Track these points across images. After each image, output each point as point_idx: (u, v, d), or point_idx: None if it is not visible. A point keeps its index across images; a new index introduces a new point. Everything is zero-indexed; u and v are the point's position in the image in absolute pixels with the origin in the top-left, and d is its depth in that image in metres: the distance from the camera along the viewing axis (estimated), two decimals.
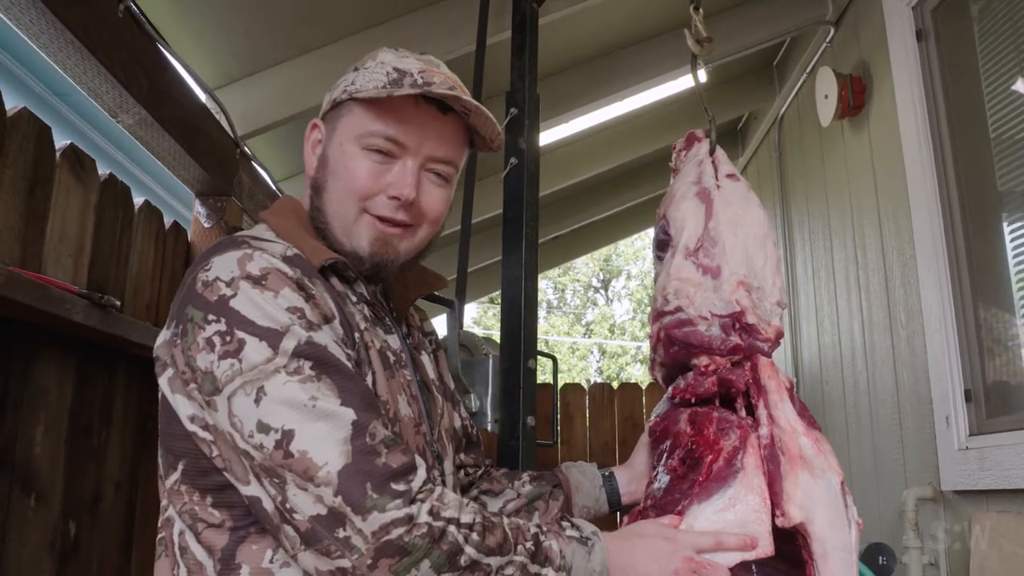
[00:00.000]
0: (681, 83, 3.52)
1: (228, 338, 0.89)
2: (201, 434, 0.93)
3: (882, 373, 2.74)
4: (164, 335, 0.98)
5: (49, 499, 1.46)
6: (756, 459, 1.07)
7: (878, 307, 2.78)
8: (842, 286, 3.16)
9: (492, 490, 1.28)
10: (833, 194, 3.25)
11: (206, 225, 2.14)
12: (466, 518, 0.89)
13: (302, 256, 1.01)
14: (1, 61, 3.05)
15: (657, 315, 1.25)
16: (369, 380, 0.99)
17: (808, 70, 3.40)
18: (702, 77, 1.39)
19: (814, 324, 3.51)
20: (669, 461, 1.18)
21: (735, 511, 1.04)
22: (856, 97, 2.83)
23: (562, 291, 20.25)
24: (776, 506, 1.05)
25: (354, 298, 1.06)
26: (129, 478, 1.75)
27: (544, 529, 0.97)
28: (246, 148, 2.35)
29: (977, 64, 2.24)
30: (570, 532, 0.99)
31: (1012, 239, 2.10)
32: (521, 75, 2.02)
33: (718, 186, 1.27)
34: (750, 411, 1.15)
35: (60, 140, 1.48)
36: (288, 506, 0.86)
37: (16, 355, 1.38)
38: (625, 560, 0.99)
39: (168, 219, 1.98)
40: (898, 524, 2.40)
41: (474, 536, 0.88)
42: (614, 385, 4.41)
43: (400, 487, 0.86)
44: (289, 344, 0.89)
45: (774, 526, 1.04)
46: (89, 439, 1.60)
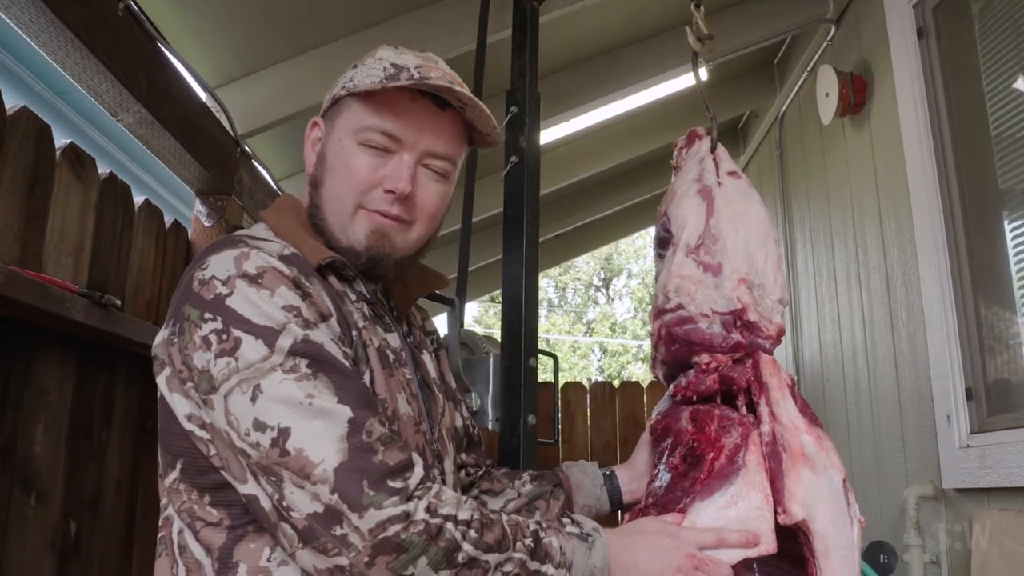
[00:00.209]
0: (681, 81, 3.51)
1: (224, 336, 0.89)
2: (198, 433, 0.92)
3: (883, 371, 2.74)
4: (162, 334, 0.98)
5: (50, 498, 1.45)
6: (758, 456, 1.07)
7: (879, 305, 2.78)
8: (843, 284, 3.16)
9: (493, 490, 1.28)
10: (834, 192, 3.25)
11: (206, 224, 2.14)
12: (464, 515, 0.89)
13: (299, 255, 1.00)
14: (1, 60, 3.05)
15: (658, 313, 1.25)
16: (367, 378, 0.99)
17: (809, 68, 3.39)
18: (703, 75, 1.38)
19: (815, 322, 3.51)
20: (671, 459, 1.18)
21: (737, 508, 1.04)
22: (857, 95, 2.83)
23: (563, 290, 20.25)
24: (778, 503, 1.04)
25: (353, 296, 1.06)
26: (130, 477, 1.75)
27: (544, 526, 0.96)
28: (246, 147, 2.35)
29: (978, 62, 2.24)
30: (570, 528, 0.98)
31: (1013, 237, 2.10)
32: (522, 73, 2.02)
33: (719, 183, 1.26)
34: (751, 408, 1.15)
35: (60, 139, 1.48)
36: (285, 504, 0.85)
37: (16, 354, 1.38)
38: (627, 557, 0.99)
39: (168, 218, 1.97)
40: (899, 522, 2.40)
41: (472, 533, 0.88)
42: (615, 384, 4.41)
43: (397, 484, 0.86)
44: (285, 342, 0.89)
45: (776, 523, 1.04)
46: (89, 438, 1.60)
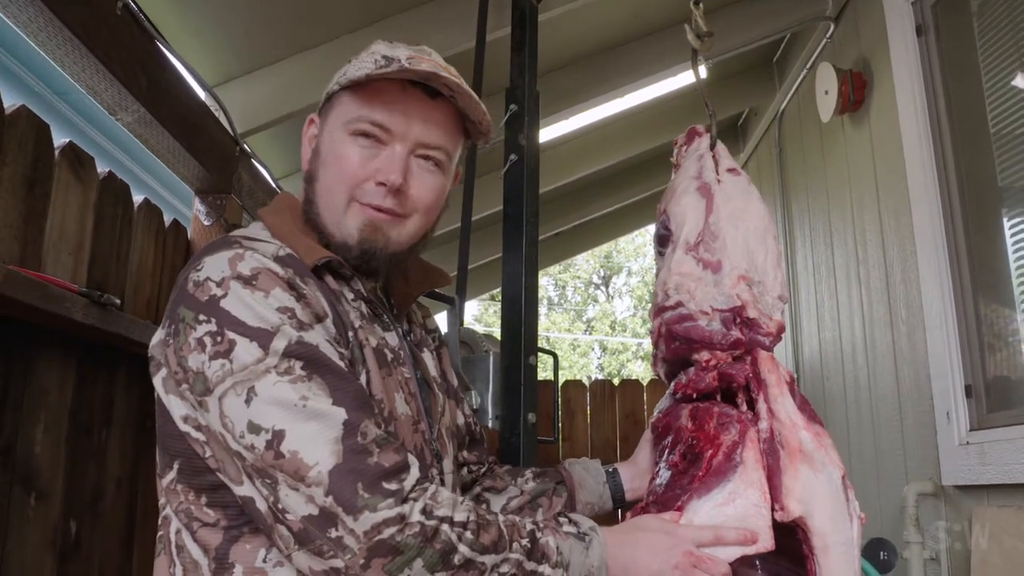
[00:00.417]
0: (681, 79, 3.51)
1: (219, 338, 0.89)
2: (194, 434, 0.92)
3: (883, 368, 2.74)
4: (158, 335, 0.98)
5: (50, 498, 1.46)
6: (755, 453, 1.07)
7: (878, 303, 2.78)
8: (842, 282, 3.16)
9: (495, 487, 1.28)
10: (833, 190, 3.25)
11: (206, 223, 2.14)
12: (460, 516, 0.88)
13: (295, 256, 1.00)
14: None
15: (658, 310, 1.25)
16: (363, 379, 0.98)
17: (808, 66, 3.39)
18: (703, 72, 1.38)
19: (814, 320, 3.51)
20: (671, 457, 1.18)
21: (735, 506, 1.04)
22: (856, 93, 2.82)
23: (563, 288, 20.25)
24: (775, 500, 1.04)
25: (350, 295, 1.05)
26: (130, 476, 1.75)
27: (541, 526, 0.96)
28: (246, 146, 2.35)
29: (977, 60, 2.24)
30: (567, 528, 0.98)
31: (1012, 234, 2.10)
32: (521, 71, 2.02)
33: (719, 180, 1.26)
34: (751, 405, 1.15)
35: (59, 138, 1.48)
36: (280, 506, 0.85)
37: (16, 354, 1.38)
38: (625, 555, 0.99)
39: (168, 217, 1.97)
40: (899, 519, 2.40)
41: (468, 534, 0.88)
42: (615, 382, 4.41)
43: (392, 486, 0.85)
44: (280, 344, 0.88)
45: (775, 520, 1.04)
46: (89, 437, 1.60)
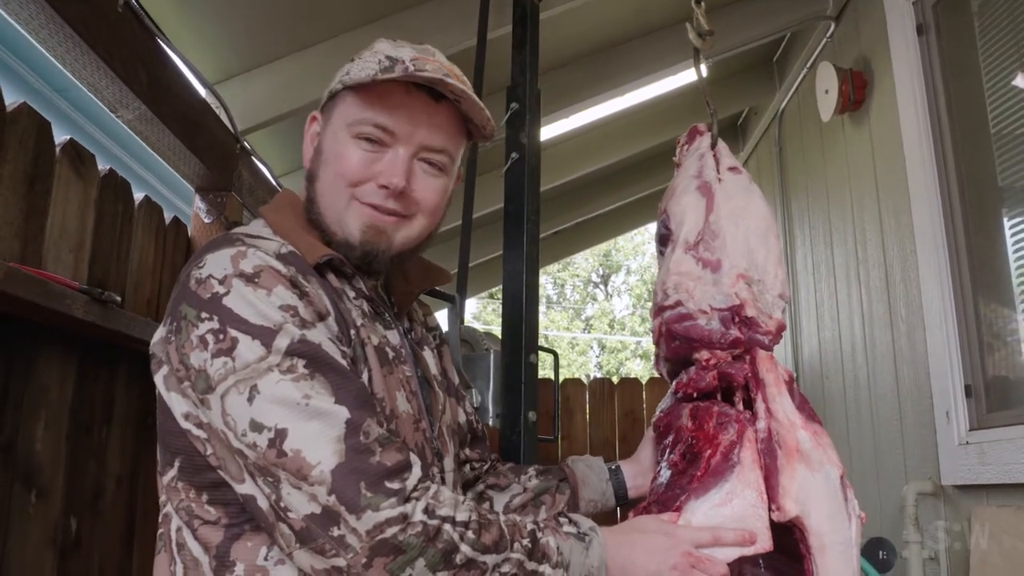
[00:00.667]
0: (681, 78, 3.51)
1: (221, 336, 0.89)
2: (195, 432, 0.92)
3: (882, 368, 2.74)
4: (160, 332, 0.97)
5: (50, 495, 1.46)
6: (752, 453, 1.07)
7: (878, 302, 2.78)
8: (842, 281, 3.16)
9: (498, 484, 1.28)
10: (833, 189, 3.24)
11: (206, 220, 2.14)
12: (462, 516, 0.89)
13: (296, 253, 1.00)
14: (0, 56, 3.04)
15: (658, 310, 1.25)
16: (365, 377, 0.98)
17: (808, 65, 3.39)
18: (704, 71, 1.38)
19: (814, 319, 3.51)
20: (671, 456, 1.18)
21: (732, 506, 1.04)
22: (856, 92, 2.82)
23: (562, 286, 20.25)
24: (772, 500, 1.04)
25: (352, 294, 1.05)
26: (130, 474, 1.75)
27: (541, 525, 0.96)
28: (246, 143, 2.35)
29: (978, 59, 2.24)
30: (567, 528, 0.98)
31: (1012, 234, 2.10)
32: (522, 70, 2.02)
33: (719, 179, 1.26)
34: (750, 405, 1.15)
35: (60, 135, 1.48)
36: (282, 505, 0.85)
37: (17, 351, 1.38)
38: (624, 556, 0.99)
39: (168, 214, 1.97)
40: (898, 519, 2.40)
41: (469, 534, 0.88)
42: (614, 380, 4.41)
43: (394, 485, 0.85)
44: (282, 342, 0.88)
45: (773, 520, 1.04)
46: (90, 435, 1.60)
